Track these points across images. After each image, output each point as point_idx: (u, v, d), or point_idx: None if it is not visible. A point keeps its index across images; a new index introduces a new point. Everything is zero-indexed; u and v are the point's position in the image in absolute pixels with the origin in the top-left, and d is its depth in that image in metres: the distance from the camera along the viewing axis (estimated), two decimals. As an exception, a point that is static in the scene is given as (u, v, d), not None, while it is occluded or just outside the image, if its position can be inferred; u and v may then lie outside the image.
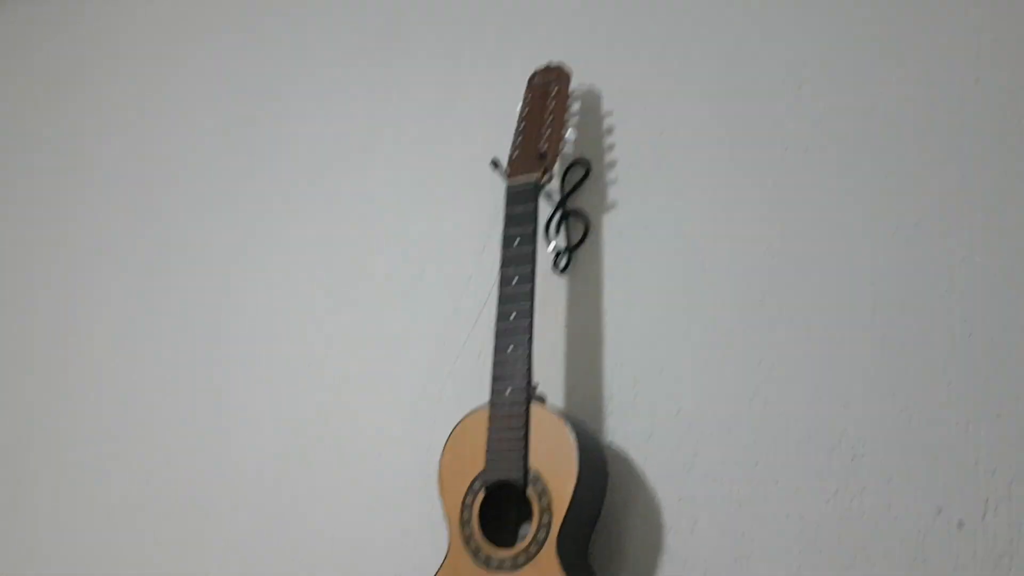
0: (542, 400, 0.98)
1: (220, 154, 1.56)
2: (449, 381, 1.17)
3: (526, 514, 0.95)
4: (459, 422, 0.99)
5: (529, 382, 0.95)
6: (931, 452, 0.85)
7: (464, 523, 0.94)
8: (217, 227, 1.51)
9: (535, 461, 0.92)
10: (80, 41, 1.84)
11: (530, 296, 0.98)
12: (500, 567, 0.90)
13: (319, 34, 1.50)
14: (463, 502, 0.95)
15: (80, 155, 1.75)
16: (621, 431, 1.03)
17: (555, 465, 0.91)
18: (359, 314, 1.30)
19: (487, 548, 0.92)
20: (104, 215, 1.68)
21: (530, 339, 0.97)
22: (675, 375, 1.01)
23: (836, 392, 0.91)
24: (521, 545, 0.90)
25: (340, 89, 1.44)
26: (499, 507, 0.97)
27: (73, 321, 1.64)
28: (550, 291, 1.12)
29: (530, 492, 0.91)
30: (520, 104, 1.12)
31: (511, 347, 0.97)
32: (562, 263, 1.12)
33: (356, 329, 1.29)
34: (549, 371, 1.09)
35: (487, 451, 0.95)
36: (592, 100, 1.16)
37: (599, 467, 0.96)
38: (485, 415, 0.96)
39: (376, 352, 1.26)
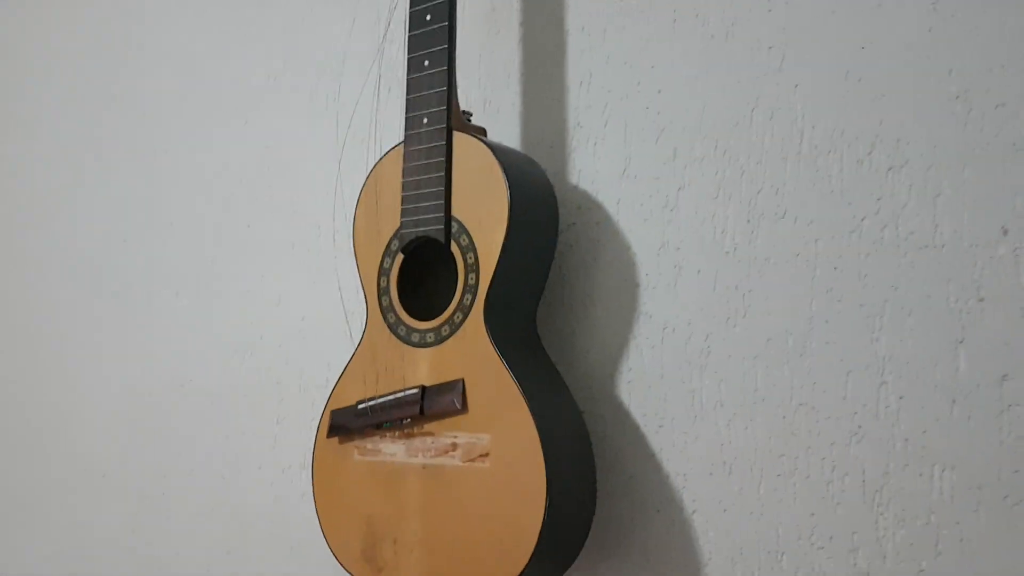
0: (480, 132, 0.77)
1: None
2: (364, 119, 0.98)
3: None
4: (372, 169, 0.80)
5: (450, 106, 0.75)
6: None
7: (382, 293, 0.78)
8: None
9: (460, 208, 0.73)
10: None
11: (446, -15, 0.75)
12: (422, 342, 0.75)
13: None
14: (380, 267, 0.79)
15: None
16: (589, 168, 0.82)
17: (482, 211, 0.72)
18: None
19: (408, 320, 0.76)
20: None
21: (451, 47, 0.75)
22: (655, 87, 0.79)
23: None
24: (445, 315, 0.74)
25: None
26: (427, 273, 0.80)
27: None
28: (494, -9, 0.88)
29: (454, 248, 0.74)
30: None
31: (426, 61, 0.76)
32: (510, -48, 0.87)
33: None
34: (501, 97, 0.88)
35: (403, 201, 0.76)
36: None
37: (543, 210, 0.76)
38: (400, 155, 0.77)
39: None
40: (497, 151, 0.72)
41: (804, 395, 0.71)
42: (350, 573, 0.76)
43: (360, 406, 0.76)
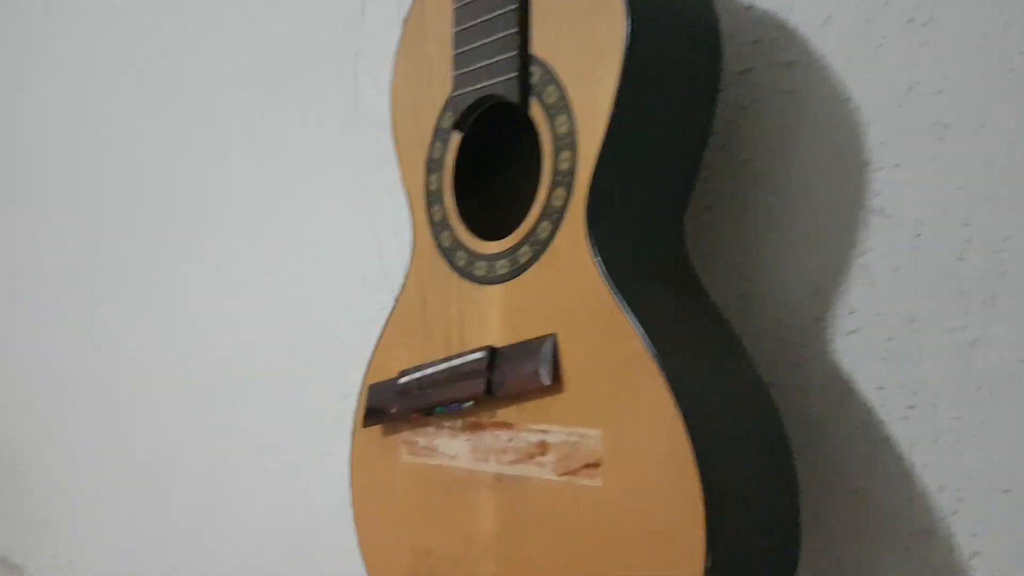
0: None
1: None
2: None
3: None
4: (412, 4, 0.53)
5: None
6: None
7: (432, 199, 0.51)
8: None
9: (544, 43, 0.45)
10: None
11: None
12: (490, 275, 0.47)
13: None
14: (428, 159, 0.51)
15: None
16: (769, -28, 0.51)
17: (580, 43, 0.43)
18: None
19: (470, 241, 0.49)
20: None
21: None
22: None
23: None
24: (523, 228, 0.46)
25: None
26: (504, 166, 0.52)
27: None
28: None
29: (535, 110, 0.45)
30: None
31: None
32: None
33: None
34: None
35: (455, 42, 0.49)
36: None
37: (692, 42, 0.45)
38: (449, -28, 0.49)
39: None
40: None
41: None
42: (400, 636, 0.51)
43: (401, 380, 0.50)
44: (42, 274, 1.31)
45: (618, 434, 0.40)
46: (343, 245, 0.81)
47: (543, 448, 0.43)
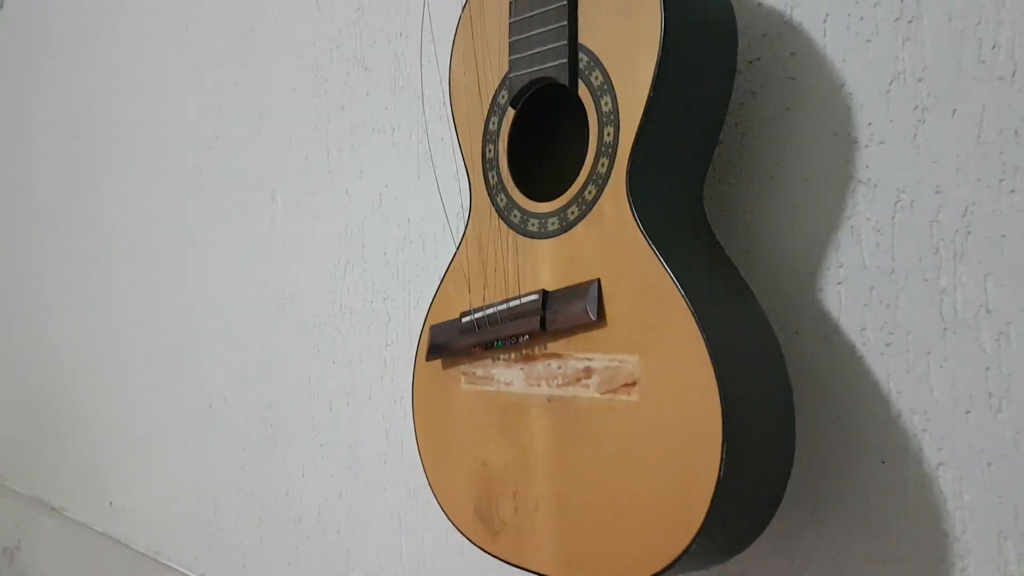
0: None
1: None
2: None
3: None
4: (470, -6, 0.61)
5: None
6: None
7: (488, 166, 0.60)
8: None
9: (590, 32, 0.53)
10: None
11: None
12: (542, 231, 0.56)
13: None
14: (485, 131, 0.60)
15: None
16: (779, -25, 0.59)
17: (622, 33, 0.51)
18: None
19: (523, 201, 0.57)
20: None
21: None
22: None
23: None
24: (572, 190, 0.54)
25: None
26: (552, 140, 0.61)
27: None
28: None
29: (583, 92, 0.54)
30: None
31: None
32: None
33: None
34: None
35: (510, 31, 0.57)
36: None
37: (715, 32, 0.53)
38: (506, -31, 0.58)
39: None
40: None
41: None
42: (462, 533, 0.60)
43: (464, 319, 0.59)
44: (99, 226, 1.39)
45: (652, 358, 0.49)
46: (389, 210, 0.89)
47: (588, 373, 0.52)
